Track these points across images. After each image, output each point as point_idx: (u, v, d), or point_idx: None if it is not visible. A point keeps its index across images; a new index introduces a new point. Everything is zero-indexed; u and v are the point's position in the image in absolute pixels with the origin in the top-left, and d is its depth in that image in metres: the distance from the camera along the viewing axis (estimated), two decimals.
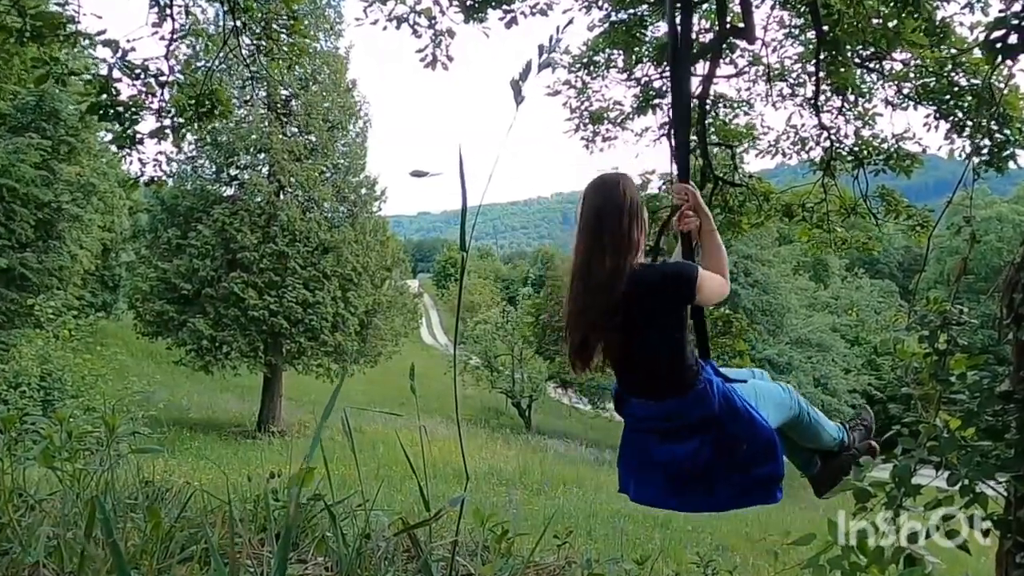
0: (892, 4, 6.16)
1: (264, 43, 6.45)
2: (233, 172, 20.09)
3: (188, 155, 19.46)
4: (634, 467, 2.45)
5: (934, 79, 7.00)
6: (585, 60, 8.64)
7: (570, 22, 6.42)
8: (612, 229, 2.22)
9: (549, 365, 30.43)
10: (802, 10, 7.46)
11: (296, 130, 20.20)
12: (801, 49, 8.11)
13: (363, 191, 21.13)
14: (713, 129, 8.69)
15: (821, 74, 7.05)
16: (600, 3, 7.86)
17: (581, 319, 2.25)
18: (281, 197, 19.64)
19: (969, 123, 6.89)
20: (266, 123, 19.47)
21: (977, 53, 6.41)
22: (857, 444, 2.76)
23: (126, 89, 5.56)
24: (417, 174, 1.72)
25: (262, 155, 19.79)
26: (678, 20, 2.72)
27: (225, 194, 19.94)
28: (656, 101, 8.48)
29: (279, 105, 20.08)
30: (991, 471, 1.95)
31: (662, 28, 8.25)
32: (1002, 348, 2.17)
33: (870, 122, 8.00)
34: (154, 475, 3.09)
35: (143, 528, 2.02)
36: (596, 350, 2.29)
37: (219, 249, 18.79)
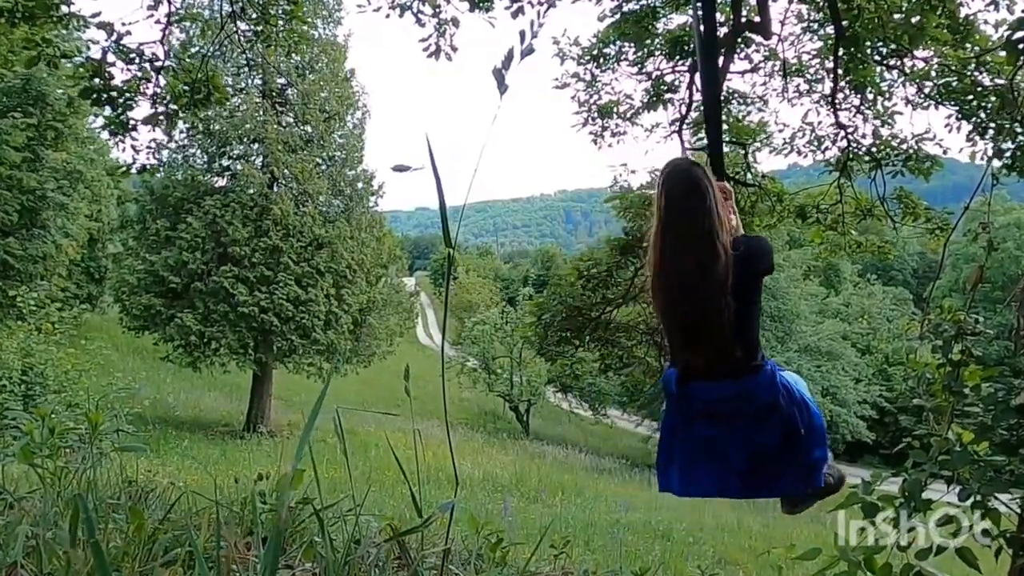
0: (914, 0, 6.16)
1: (262, 29, 6.45)
2: (225, 162, 20.06)
3: (179, 144, 19.45)
4: (686, 457, 2.46)
5: (956, 78, 7.00)
6: (595, 52, 8.63)
7: (552, 5, 6.40)
8: (707, 209, 2.29)
9: (551, 367, 30.42)
10: (821, 4, 7.46)
11: (292, 120, 20.18)
12: (819, 44, 8.10)
13: (360, 185, 21.11)
14: (726, 126, 8.69)
15: (839, 71, 7.05)
16: None
17: (689, 304, 2.30)
18: (275, 189, 19.63)
19: (992, 125, 6.88)
20: (261, 112, 19.44)
21: (1002, 52, 6.40)
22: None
23: (119, 74, 5.56)
24: (399, 168, 1.72)
25: (256, 145, 19.77)
26: (701, 14, 2.74)
27: (217, 185, 19.91)
28: (668, 96, 8.48)
29: (275, 94, 20.06)
30: (1004, 487, 1.95)
31: (675, 20, 8.25)
32: (1018, 360, 2.17)
33: (889, 121, 8.00)
34: (138, 475, 3.08)
35: (125, 529, 2.02)
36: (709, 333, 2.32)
37: (209, 242, 18.78)
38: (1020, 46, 2.09)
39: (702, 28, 2.78)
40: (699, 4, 2.77)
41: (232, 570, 1.89)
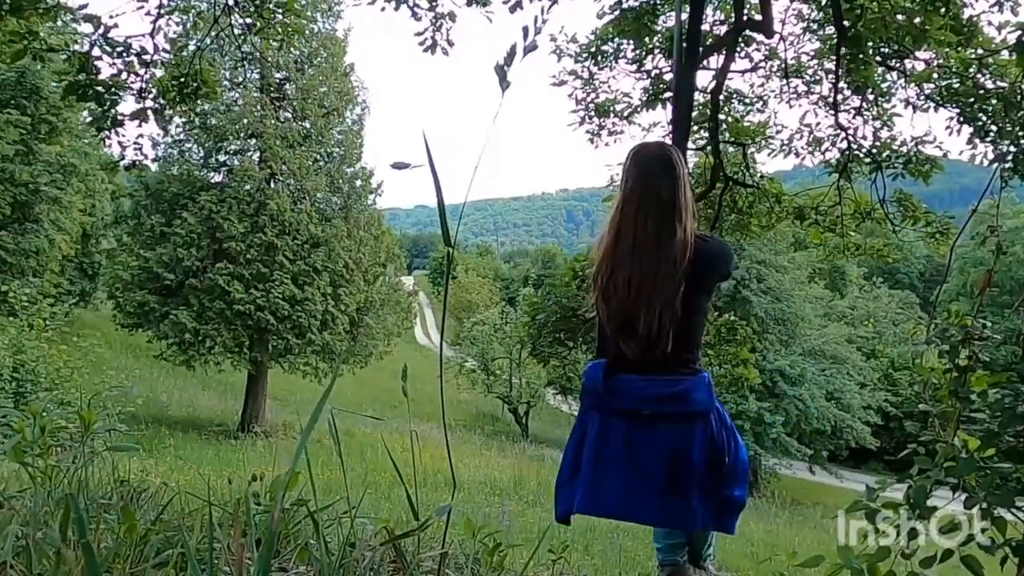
0: (917, 0, 6.17)
1: (255, 22, 6.45)
2: (222, 157, 20.09)
3: (175, 138, 19.46)
4: (596, 464, 2.27)
5: (958, 80, 7.01)
6: (593, 49, 8.63)
7: (555, 2, 6.41)
8: (674, 197, 2.23)
9: (546, 369, 30.46)
10: (823, 3, 7.47)
11: (290, 115, 20.18)
12: (820, 45, 8.12)
13: (358, 182, 21.12)
14: (726, 126, 8.69)
15: (840, 71, 7.06)
16: None
17: (645, 290, 2.19)
18: (272, 185, 19.64)
19: (994, 128, 6.89)
20: (258, 107, 19.45)
21: (1005, 55, 6.41)
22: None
23: (107, 68, 5.55)
24: (398, 166, 1.72)
25: (253, 140, 19.78)
26: (685, 16, 2.75)
27: (213, 180, 19.93)
28: (667, 95, 8.48)
29: (273, 88, 20.06)
30: (1011, 495, 1.95)
31: (674, 18, 8.25)
32: None
33: (889, 123, 8.01)
34: (130, 474, 3.09)
35: (117, 530, 2.02)
36: (644, 324, 2.20)
37: (205, 238, 18.79)
38: None
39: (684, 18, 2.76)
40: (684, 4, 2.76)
41: (225, 572, 1.89)
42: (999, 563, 2.03)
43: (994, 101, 6.87)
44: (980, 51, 6.71)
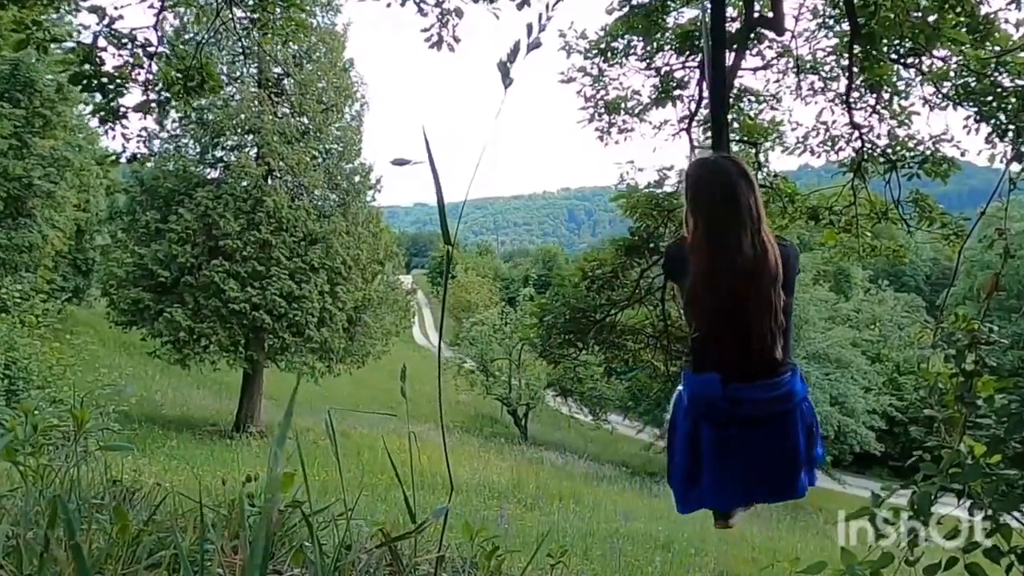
0: None
1: (258, 16, 6.45)
2: (219, 153, 20.09)
3: (171, 133, 19.46)
4: (719, 467, 2.40)
5: (976, 79, 6.99)
6: (602, 46, 8.63)
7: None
8: (757, 206, 2.31)
9: (553, 371, 30.46)
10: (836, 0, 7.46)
11: (288, 111, 20.20)
12: (834, 41, 8.11)
13: (356, 179, 21.12)
14: (737, 125, 8.70)
15: (855, 69, 7.05)
16: None
17: (753, 302, 2.27)
18: (269, 182, 19.64)
19: (1012, 127, 6.88)
20: (256, 102, 19.46)
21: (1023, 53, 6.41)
22: None
23: (111, 60, 5.57)
24: (399, 162, 1.72)
25: (250, 136, 19.78)
26: (709, 6, 2.76)
27: (209, 176, 19.93)
28: (677, 92, 8.48)
29: (271, 83, 20.07)
30: (1017, 502, 1.95)
31: (686, 14, 8.26)
32: None
33: (906, 122, 8.00)
34: (123, 474, 3.08)
35: (109, 531, 2.02)
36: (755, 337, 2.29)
37: (200, 235, 18.79)
38: None
39: (708, 18, 2.79)
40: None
41: (218, 574, 1.89)
42: (1004, 571, 2.03)
43: (1012, 100, 6.86)
44: (997, 49, 6.69)
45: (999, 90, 6.93)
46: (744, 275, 2.26)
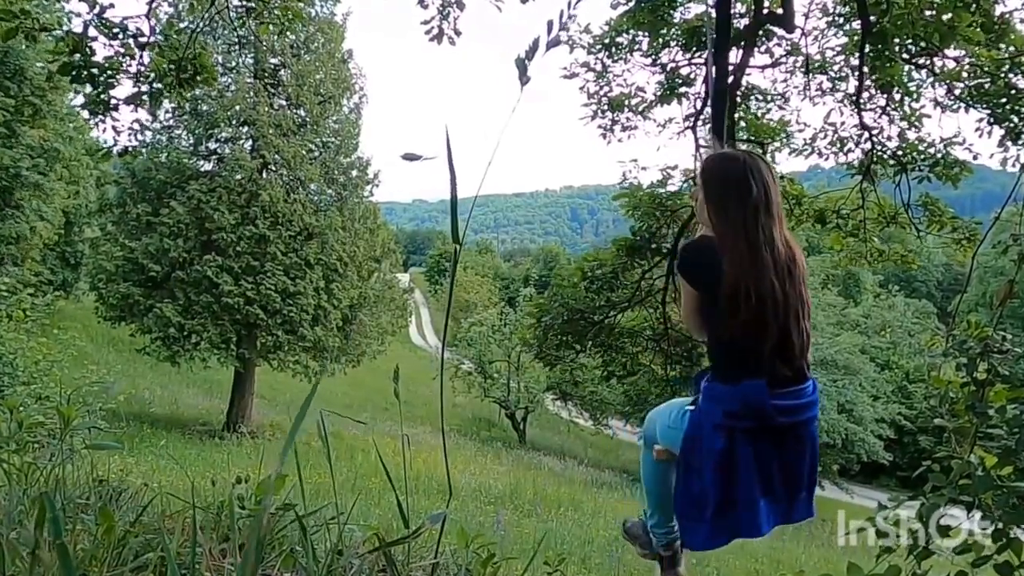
0: None
1: (254, 5, 6.45)
2: (213, 145, 20.07)
3: (164, 124, 19.45)
4: (754, 488, 2.23)
5: (989, 80, 7.00)
6: (607, 41, 8.64)
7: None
8: (777, 203, 2.27)
9: (551, 373, 30.46)
10: None
11: (284, 102, 20.18)
12: (845, 40, 8.11)
13: (354, 173, 21.11)
14: (744, 124, 8.70)
15: (865, 69, 7.05)
16: None
17: (793, 305, 2.21)
18: (264, 175, 19.62)
19: None
20: (252, 93, 19.44)
21: None
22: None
23: (102, 49, 5.56)
24: (409, 157, 1.71)
25: (245, 128, 19.77)
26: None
27: (203, 169, 19.91)
28: (683, 89, 8.49)
29: (267, 74, 20.06)
30: None
31: (693, 9, 8.26)
32: None
33: (916, 124, 8.00)
34: (109, 474, 3.08)
35: (94, 531, 2.02)
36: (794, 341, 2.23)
37: (193, 229, 18.77)
38: None
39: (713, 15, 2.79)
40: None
41: None
42: None
43: None
44: (1012, 50, 6.70)
45: (1013, 92, 6.93)
46: (785, 272, 2.20)
